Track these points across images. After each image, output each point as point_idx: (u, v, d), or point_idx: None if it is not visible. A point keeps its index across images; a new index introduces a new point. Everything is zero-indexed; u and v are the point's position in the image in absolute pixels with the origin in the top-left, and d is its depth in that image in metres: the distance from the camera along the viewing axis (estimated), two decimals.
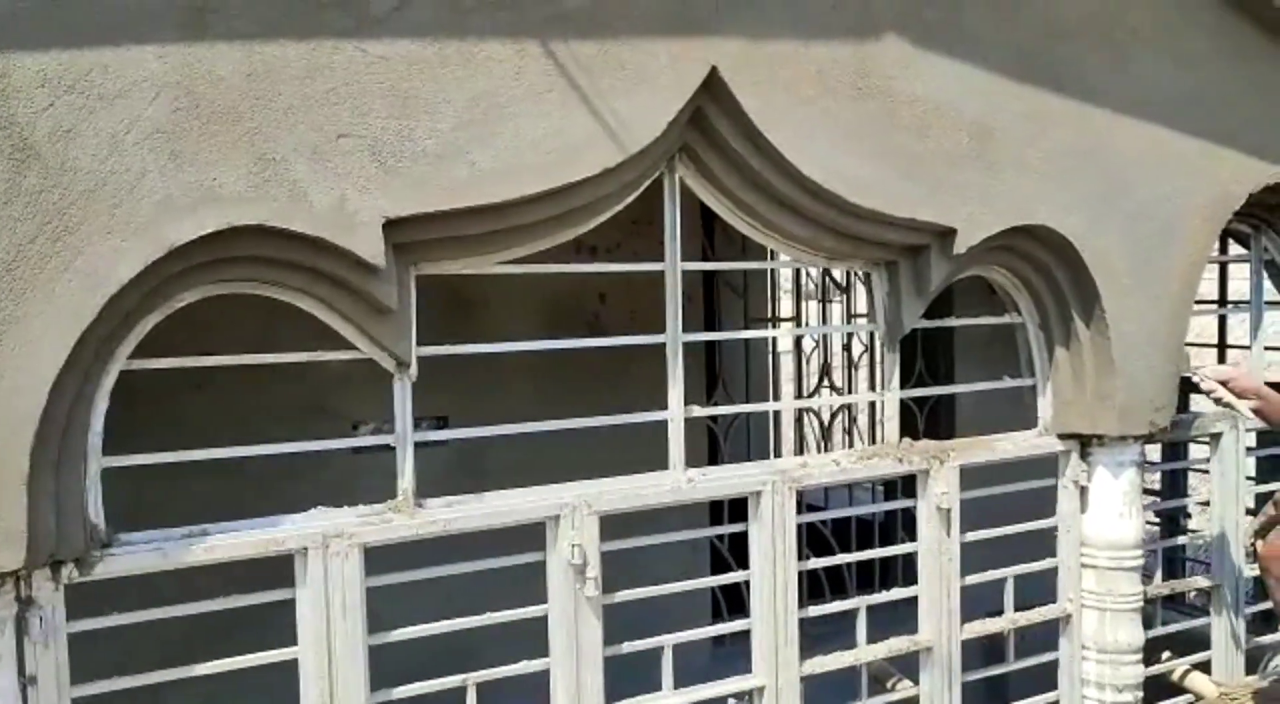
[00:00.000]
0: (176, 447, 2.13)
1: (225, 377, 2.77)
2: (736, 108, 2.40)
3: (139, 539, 2.03)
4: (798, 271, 5.53)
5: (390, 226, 2.09)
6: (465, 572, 2.36)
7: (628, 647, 2.53)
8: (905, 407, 4.69)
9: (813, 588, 4.32)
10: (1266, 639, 3.63)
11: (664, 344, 2.55)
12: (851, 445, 5.63)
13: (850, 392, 5.60)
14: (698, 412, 2.61)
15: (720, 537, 4.19)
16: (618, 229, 3.47)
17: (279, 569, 2.19)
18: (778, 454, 5.18)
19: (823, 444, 5.20)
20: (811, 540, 4.51)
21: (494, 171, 2.15)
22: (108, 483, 2.03)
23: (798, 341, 5.79)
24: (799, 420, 5.92)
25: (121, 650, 2.13)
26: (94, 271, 1.84)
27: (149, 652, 2.19)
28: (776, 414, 5.24)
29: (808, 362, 5.88)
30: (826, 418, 5.12)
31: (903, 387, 4.60)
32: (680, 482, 2.56)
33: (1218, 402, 2.96)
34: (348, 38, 2.01)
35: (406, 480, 2.29)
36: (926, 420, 4.65)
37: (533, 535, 2.45)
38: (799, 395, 5.62)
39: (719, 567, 4.09)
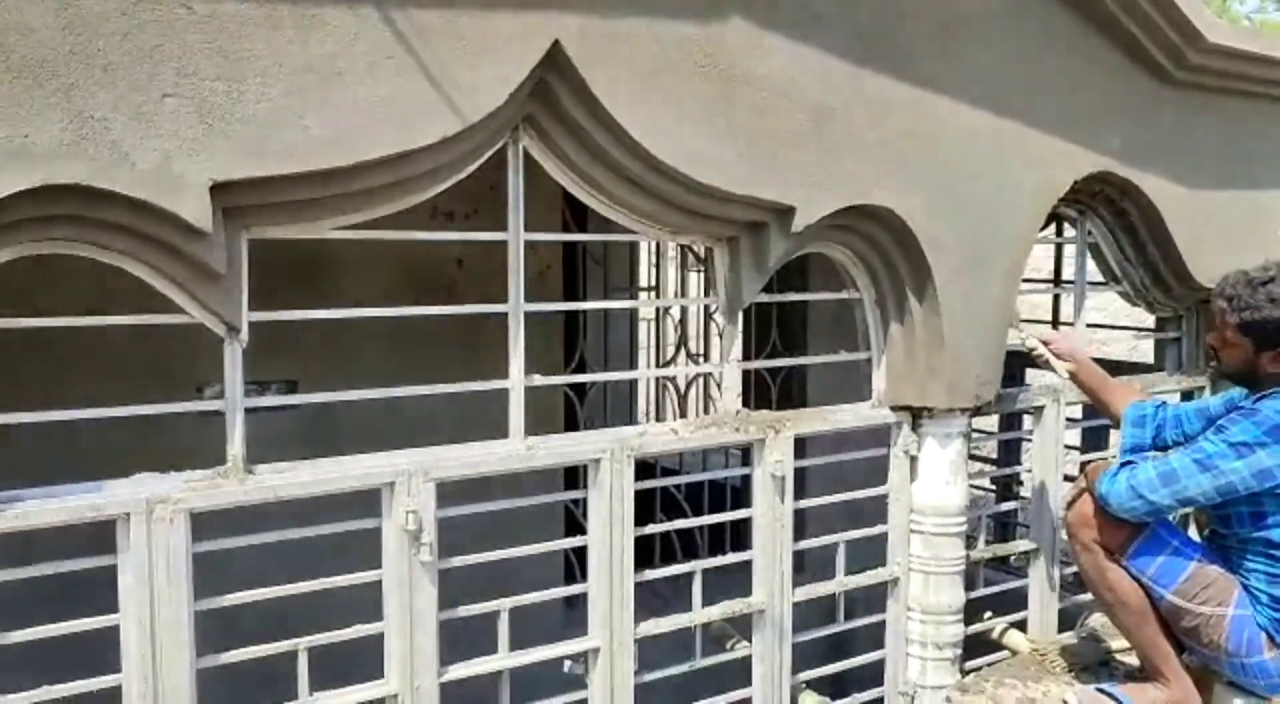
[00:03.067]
0: (12, 408, 2.08)
1: (62, 336, 2.69)
2: (579, 81, 2.42)
3: None
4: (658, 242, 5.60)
5: (219, 190, 2.05)
6: (301, 537, 2.36)
7: (463, 611, 2.57)
8: (760, 377, 4.85)
9: (666, 551, 4.44)
10: (1082, 598, 3.87)
11: (525, 315, 2.59)
12: (707, 413, 5.76)
13: (708, 360, 5.71)
14: (539, 381, 2.64)
15: (576, 501, 4.25)
16: (474, 195, 3.47)
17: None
18: (634, 422, 5.27)
19: (678, 412, 5.31)
20: (665, 504, 4.63)
21: (328, 137, 2.14)
22: None
23: (659, 311, 5.87)
24: (663, 388, 6.01)
25: None
26: None
27: None
28: (635, 382, 5.33)
29: (678, 329, 5.98)
30: (683, 386, 5.22)
31: (758, 357, 4.77)
32: (519, 450, 2.60)
33: (1038, 358, 3.15)
34: None
35: (236, 446, 2.27)
36: (780, 391, 4.80)
37: None
38: (658, 363, 5.71)
39: (574, 530, 4.15)
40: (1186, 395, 4.14)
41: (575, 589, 2.85)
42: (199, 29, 1.99)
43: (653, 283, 5.97)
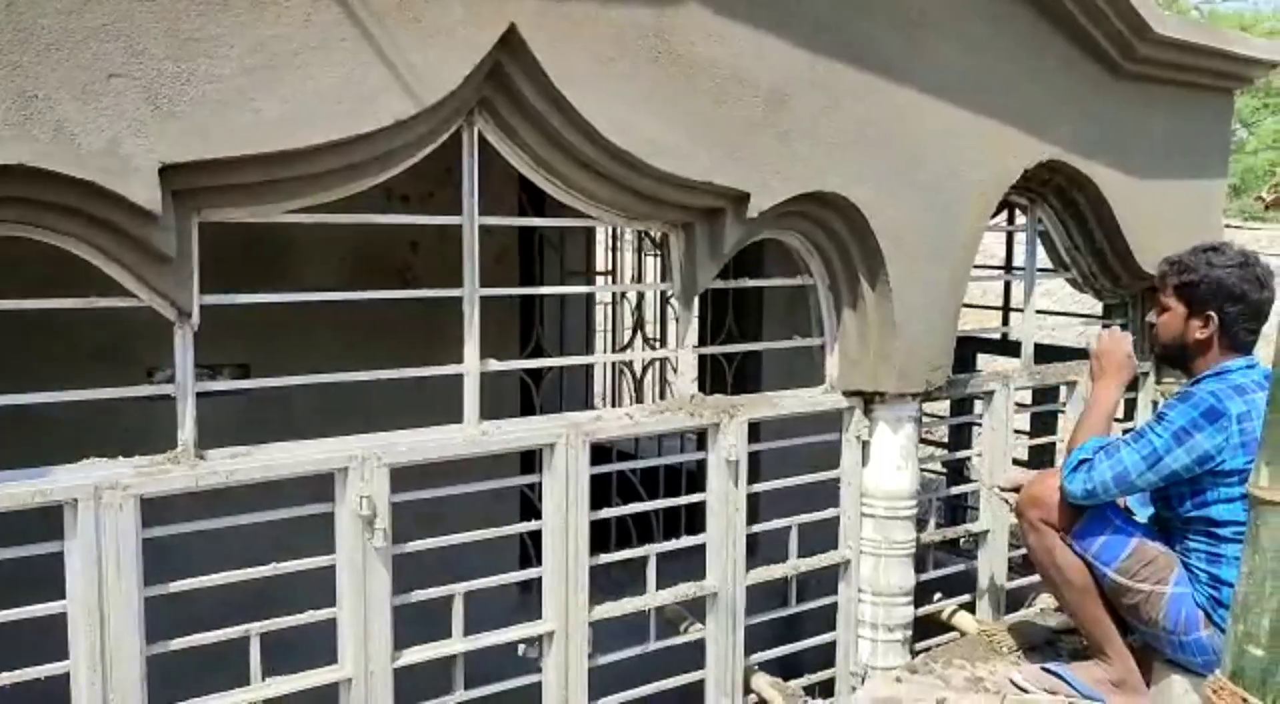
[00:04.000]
0: None
1: (10, 319, 2.65)
2: (535, 65, 2.41)
3: None
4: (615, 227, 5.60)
5: (168, 172, 2.03)
6: (254, 522, 2.35)
7: (417, 596, 2.57)
8: (715, 362, 4.88)
9: (622, 535, 4.45)
10: (1029, 580, 3.95)
11: (480, 299, 2.59)
12: (663, 398, 5.78)
13: (665, 345, 5.74)
14: (494, 365, 2.64)
15: (532, 485, 4.26)
16: (430, 178, 3.46)
17: None
18: (591, 406, 5.29)
19: (635, 396, 5.32)
20: (621, 488, 4.64)
21: (280, 119, 2.11)
22: None
23: (615, 294, 5.87)
24: (620, 372, 6.03)
25: None
26: None
27: None
28: (592, 366, 5.34)
29: (635, 313, 6.00)
30: (639, 371, 5.23)
31: (714, 342, 4.80)
32: (474, 435, 2.60)
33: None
34: None
35: (187, 431, 2.25)
36: (735, 375, 4.83)
37: None
38: (614, 348, 5.73)
39: (530, 513, 4.15)
40: (1131, 382, 4.22)
41: (530, 573, 2.86)
42: (147, 7, 1.95)
43: (610, 267, 5.97)
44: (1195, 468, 2.69)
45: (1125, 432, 3.37)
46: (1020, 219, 4.17)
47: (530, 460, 4.04)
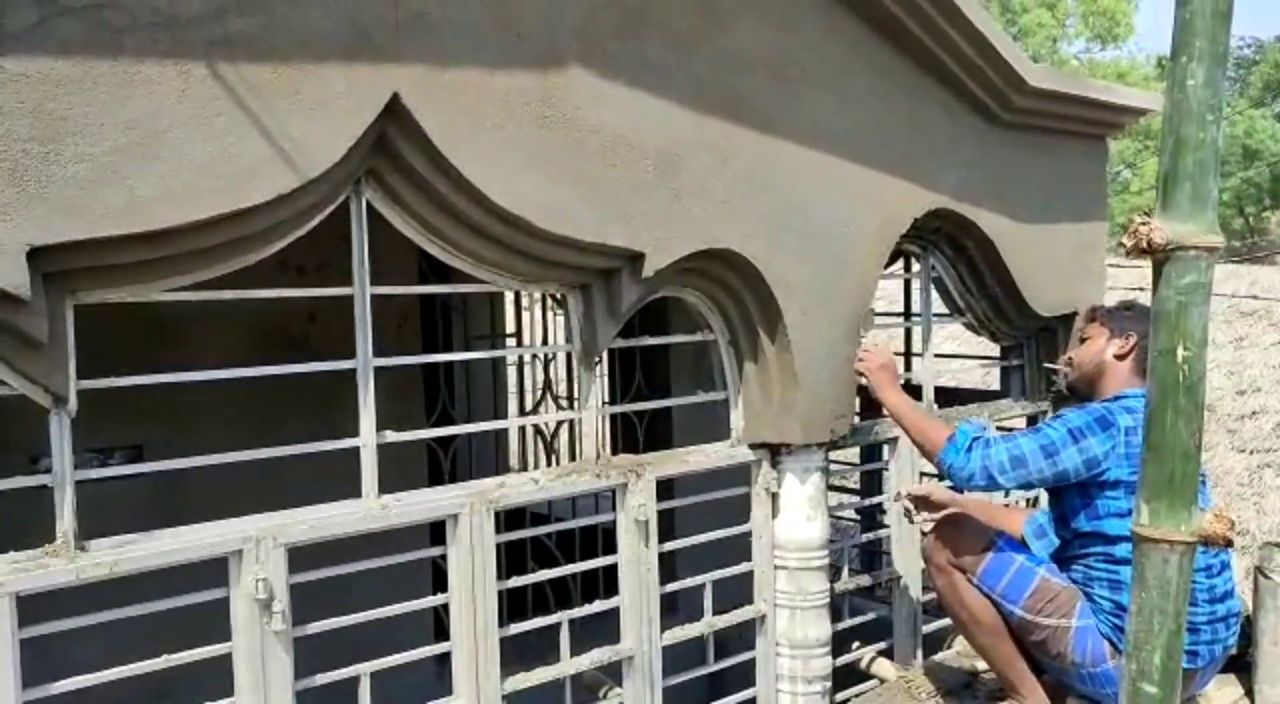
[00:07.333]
0: None
1: None
2: (420, 134, 2.41)
3: None
4: None
5: (37, 254, 1.96)
6: (142, 613, 2.25)
7: (320, 679, 2.48)
8: (627, 419, 4.87)
9: (540, 600, 4.38)
10: (946, 622, 3.97)
11: (381, 368, 2.55)
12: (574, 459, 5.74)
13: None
14: (391, 437, 2.59)
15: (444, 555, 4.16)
16: (326, 247, 3.40)
17: None
18: (506, 470, 5.22)
19: (548, 458, 5.28)
20: (536, 553, 4.58)
21: (156, 197, 2.07)
22: None
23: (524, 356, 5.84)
24: (538, 434, 5.97)
25: None
26: None
27: None
28: (502, 430, 5.28)
29: (545, 373, 5.96)
30: (550, 432, 5.19)
31: (624, 400, 4.79)
32: (373, 509, 2.54)
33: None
34: None
35: (66, 523, 2.16)
36: (646, 432, 4.82)
37: None
38: (522, 410, 5.68)
39: (443, 583, 4.05)
40: (1031, 420, 4.32)
41: (438, 649, 2.78)
42: (10, 88, 1.90)
43: (518, 326, 5.94)
44: (1084, 470, 2.76)
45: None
46: (916, 266, 4.26)
47: (442, 530, 3.98)
